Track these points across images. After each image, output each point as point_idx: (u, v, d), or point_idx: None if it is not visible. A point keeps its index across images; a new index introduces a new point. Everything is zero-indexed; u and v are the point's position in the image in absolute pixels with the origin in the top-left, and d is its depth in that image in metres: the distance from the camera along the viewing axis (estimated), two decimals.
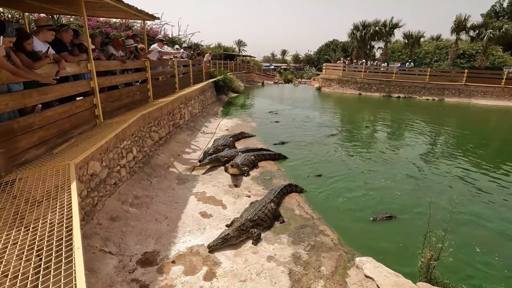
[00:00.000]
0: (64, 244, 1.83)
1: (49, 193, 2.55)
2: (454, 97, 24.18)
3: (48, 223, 2.11)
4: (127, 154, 6.08)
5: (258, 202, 5.30)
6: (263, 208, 4.99)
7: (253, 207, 5.04)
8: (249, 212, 4.85)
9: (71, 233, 1.90)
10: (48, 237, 1.93)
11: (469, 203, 6.21)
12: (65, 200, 2.33)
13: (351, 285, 3.73)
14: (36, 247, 1.85)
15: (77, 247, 1.75)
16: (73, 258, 1.68)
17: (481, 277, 4.10)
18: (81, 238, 3.99)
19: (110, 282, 3.61)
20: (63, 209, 2.25)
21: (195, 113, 12.44)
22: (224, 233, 4.38)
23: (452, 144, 11.24)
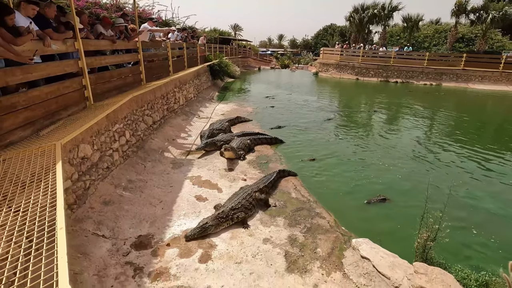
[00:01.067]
0: (47, 225, 1.73)
1: (33, 174, 2.43)
2: (451, 82, 24.02)
3: (31, 204, 2.00)
4: (120, 138, 5.93)
5: (243, 189, 5.07)
6: (248, 197, 4.75)
7: (237, 195, 4.82)
8: (232, 200, 4.63)
9: (54, 212, 1.80)
10: (30, 218, 1.82)
11: (466, 185, 6.21)
12: (50, 181, 2.22)
13: (347, 265, 3.72)
14: (17, 227, 1.75)
15: (60, 227, 1.65)
16: (55, 238, 1.58)
17: (477, 258, 4.11)
18: (73, 222, 3.91)
19: (103, 265, 3.56)
20: (47, 190, 2.13)
21: (190, 97, 12.20)
22: (203, 221, 4.17)
23: (449, 128, 11.20)
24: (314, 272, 3.64)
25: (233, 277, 3.50)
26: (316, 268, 3.71)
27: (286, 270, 3.65)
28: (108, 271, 3.48)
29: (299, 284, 3.43)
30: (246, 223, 4.50)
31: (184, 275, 3.53)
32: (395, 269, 3.34)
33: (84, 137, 4.64)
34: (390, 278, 3.26)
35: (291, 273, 3.61)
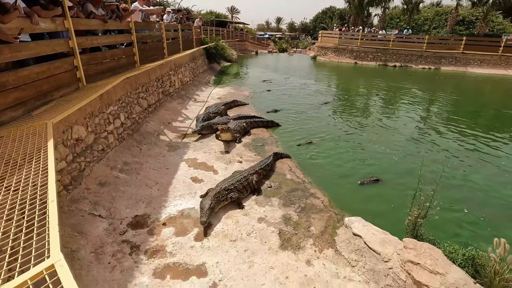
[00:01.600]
0: (38, 198, 1.74)
1: (24, 152, 2.42)
2: (450, 66, 23.83)
3: (22, 179, 2.00)
4: (115, 120, 5.89)
5: (239, 172, 5.09)
6: (242, 179, 4.74)
7: (232, 177, 4.84)
8: (226, 182, 4.63)
9: (46, 187, 1.80)
10: (22, 193, 1.83)
11: (461, 167, 6.28)
12: (42, 158, 2.21)
13: (339, 243, 3.81)
14: (9, 200, 1.76)
15: (51, 200, 1.66)
16: (47, 210, 1.60)
17: (466, 236, 4.22)
18: (69, 202, 3.94)
19: (100, 243, 3.62)
20: (39, 166, 2.13)
21: (185, 81, 12.05)
22: (207, 203, 4.06)
23: (447, 112, 11.20)
24: (307, 249, 3.73)
25: (228, 254, 3.59)
26: (309, 245, 3.80)
27: (280, 247, 3.74)
28: (105, 249, 3.55)
29: (292, 260, 3.53)
30: (241, 203, 4.56)
31: (180, 252, 3.60)
32: (386, 245, 3.43)
33: (78, 119, 4.60)
34: (381, 253, 3.35)
35: (284, 250, 3.70)
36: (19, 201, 1.79)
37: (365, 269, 3.36)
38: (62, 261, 1.25)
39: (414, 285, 2.95)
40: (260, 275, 3.30)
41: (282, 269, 3.39)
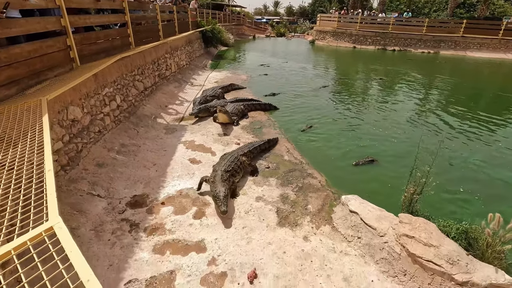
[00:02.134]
0: (35, 167, 1.73)
1: (19, 127, 2.39)
2: (449, 50, 23.59)
3: (18, 152, 1.99)
4: (110, 102, 5.83)
5: (229, 153, 4.99)
6: (235, 160, 4.64)
7: (225, 159, 4.68)
8: (222, 164, 4.49)
9: (42, 158, 1.79)
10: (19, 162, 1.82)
11: (457, 148, 6.33)
12: (36, 130, 2.19)
13: (336, 219, 3.87)
14: (6, 171, 1.75)
15: (48, 169, 1.66)
16: (44, 179, 1.60)
17: (460, 212, 4.29)
18: (67, 182, 3.94)
19: (100, 221, 3.65)
20: (34, 140, 2.11)
21: (182, 65, 11.86)
22: (221, 191, 3.87)
23: (445, 95, 11.17)
24: (304, 226, 3.79)
25: (226, 230, 3.64)
26: (306, 222, 3.86)
27: (278, 224, 3.79)
28: (105, 226, 3.59)
29: (289, 236, 3.59)
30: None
31: (179, 230, 3.65)
32: (381, 221, 3.49)
33: (73, 99, 4.54)
34: (376, 228, 3.41)
35: (282, 227, 3.76)
36: (15, 171, 1.78)
37: (361, 244, 3.43)
38: (61, 223, 1.26)
39: (409, 257, 3.02)
40: (258, 250, 3.36)
41: (279, 244, 3.45)
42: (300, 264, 3.18)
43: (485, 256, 2.98)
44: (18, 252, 1.16)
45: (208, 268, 3.11)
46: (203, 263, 3.17)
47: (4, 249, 1.15)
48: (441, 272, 2.78)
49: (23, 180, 1.70)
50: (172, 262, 3.17)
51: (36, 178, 1.62)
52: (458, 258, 2.83)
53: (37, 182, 1.59)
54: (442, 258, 2.83)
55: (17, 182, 1.63)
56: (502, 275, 2.64)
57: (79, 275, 1.05)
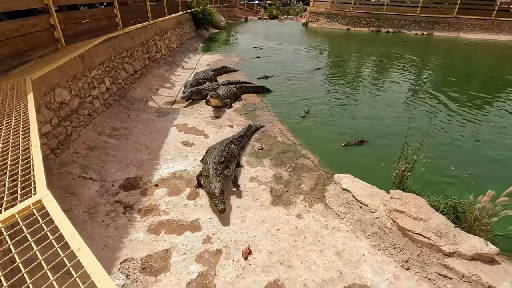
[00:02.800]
0: (21, 145, 1.69)
1: (3, 106, 2.31)
2: (443, 32, 23.44)
3: (3, 127, 1.93)
4: (99, 85, 5.68)
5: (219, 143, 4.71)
6: (226, 149, 4.39)
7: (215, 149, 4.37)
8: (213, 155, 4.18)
9: (28, 134, 1.74)
10: (4, 138, 1.77)
11: (449, 128, 6.40)
12: (21, 109, 2.12)
13: (329, 198, 3.93)
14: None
15: (34, 145, 1.62)
16: (31, 154, 1.56)
17: (451, 189, 4.36)
18: (58, 165, 3.88)
19: (93, 203, 3.64)
20: (19, 118, 2.05)
21: (172, 47, 11.56)
22: (216, 187, 3.59)
23: (438, 77, 11.19)
24: (298, 204, 3.84)
25: None
26: (300, 201, 3.91)
27: (271, 204, 3.84)
28: (98, 208, 3.58)
29: (283, 214, 3.64)
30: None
31: (173, 210, 3.67)
32: (373, 198, 3.55)
33: (60, 81, 4.41)
34: (368, 205, 3.48)
35: (276, 205, 3.80)
36: (1, 149, 1.73)
37: (353, 220, 3.51)
38: (49, 196, 1.24)
39: (399, 231, 3.10)
40: (252, 228, 3.41)
41: (273, 222, 3.51)
42: (294, 240, 3.24)
43: (472, 229, 3.07)
44: (6, 225, 1.14)
45: (203, 246, 3.15)
46: (198, 241, 3.21)
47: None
48: (430, 244, 2.87)
49: (9, 157, 1.66)
50: (167, 241, 3.20)
51: (23, 155, 1.58)
52: (446, 230, 2.91)
53: (23, 158, 1.55)
54: (431, 231, 2.91)
55: (3, 159, 1.59)
56: (487, 245, 2.74)
57: (69, 245, 1.04)
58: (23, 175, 1.44)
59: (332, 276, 2.84)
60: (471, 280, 2.62)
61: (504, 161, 5.23)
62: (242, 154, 5.00)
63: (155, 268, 2.88)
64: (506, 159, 5.28)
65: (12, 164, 1.55)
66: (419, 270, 2.87)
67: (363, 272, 2.90)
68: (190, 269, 2.88)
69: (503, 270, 2.66)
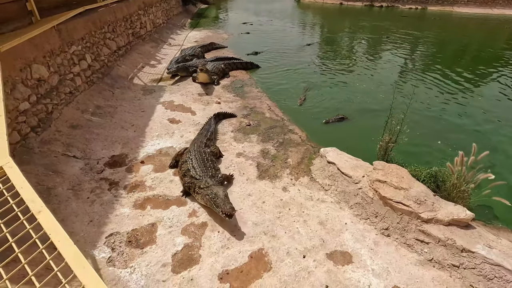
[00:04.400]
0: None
1: None
2: (437, 6, 22.95)
3: None
4: (80, 62, 5.47)
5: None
6: (205, 155, 3.88)
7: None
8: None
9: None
10: None
11: (437, 103, 6.37)
12: None
13: (314, 171, 3.97)
14: None
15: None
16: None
17: (435, 162, 4.38)
18: (39, 144, 3.80)
19: (77, 181, 3.61)
20: None
21: (158, 23, 11.11)
22: (221, 189, 3.20)
23: (429, 53, 11.06)
24: (284, 178, 3.88)
25: None
26: (286, 175, 3.94)
27: (258, 178, 3.86)
28: (83, 186, 3.55)
29: (269, 188, 3.68)
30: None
31: (159, 186, 3.67)
32: (357, 169, 3.60)
33: (36, 56, 4.22)
34: (352, 176, 3.53)
35: (262, 179, 3.83)
36: None
37: (337, 191, 3.57)
38: (11, 163, 1.21)
39: (380, 200, 3.18)
40: (238, 201, 3.44)
41: (259, 195, 3.55)
42: (279, 212, 3.30)
43: (450, 196, 3.16)
44: None
45: (189, 220, 3.19)
46: (184, 215, 3.24)
47: None
48: (409, 212, 2.95)
49: None
50: (153, 215, 3.23)
51: None
52: (425, 198, 2.99)
53: None
54: (411, 199, 2.99)
55: None
56: (464, 211, 2.84)
57: (30, 207, 1.03)
58: None
59: (315, 244, 2.92)
60: (447, 244, 2.72)
61: (487, 133, 5.30)
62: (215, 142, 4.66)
63: (141, 241, 2.92)
64: (490, 132, 5.34)
65: None
66: (398, 236, 2.97)
67: (345, 239, 2.99)
68: (175, 241, 2.92)
69: (477, 234, 2.76)
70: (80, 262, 0.82)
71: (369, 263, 2.75)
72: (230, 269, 2.66)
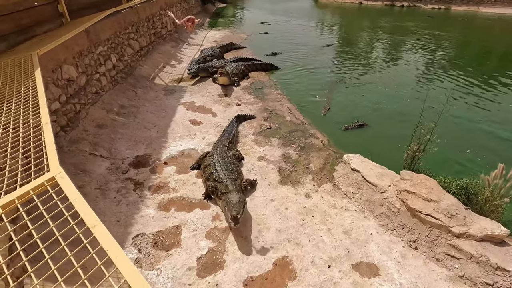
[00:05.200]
0: (32, 122, 1.68)
1: (12, 81, 2.29)
2: (462, 6, 22.11)
3: (13, 105, 1.92)
4: (106, 62, 5.61)
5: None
6: (229, 159, 3.90)
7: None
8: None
9: (38, 111, 1.73)
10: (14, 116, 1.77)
11: (466, 110, 6.08)
12: (30, 85, 2.10)
13: (337, 177, 3.91)
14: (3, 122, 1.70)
15: (45, 122, 1.61)
16: (41, 131, 1.55)
17: (464, 172, 4.22)
18: (68, 143, 3.92)
19: (104, 180, 3.70)
20: (28, 93, 2.03)
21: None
22: (236, 196, 3.14)
23: (455, 56, 10.68)
24: (306, 184, 3.84)
25: None
26: (308, 181, 3.90)
27: (280, 183, 3.84)
28: (110, 185, 3.64)
29: (291, 193, 3.65)
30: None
31: (183, 188, 3.71)
32: (383, 178, 3.52)
33: (66, 57, 4.35)
34: (377, 185, 3.45)
35: (284, 185, 3.81)
36: (12, 128, 1.73)
37: (362, 200, 3.50)
38: (62, 173, 1.24)
39: (408, 211, 3.09)
40: (261, 207, 3.44)
41: (281, 201, 3.53)
42: (302, 219, 3.27)
43: (483, 210, 3.04)
44: (22, 201, 1.15)
45: (213, 223, 3.21)
46: (208, 218, 3.27)
47: (8, 198, 1.14)
48: (439, 225, 2.86)
49: (20, 134, 1.66)
50: (178, 218, 3.27)
51: (34, 132, 1.58)
52: (456, 212, 2.89)
53: (35, 136, 1.55)
54: (441, 212, 2.89)
55: (15, 136, 1.59)
56: (498, 227, 2.72)
57: (85, 221, 1.05)
58: (36, 152, 1.44)
59: (340, 254, 2.88)
60: (479, 261, 2.62)
61: None
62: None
63: (166, 243, 2.96)
64: None
65: (24, 141, 1.55)
66: (426, 250, 2.88)
67: (370, 250, 2.93)
68: (200, 244, 2.95)
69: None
70: (140, 281, 0.83)
71: (396, 276, 2.68)
72: (254, 276, 2.66)
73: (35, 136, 1.55)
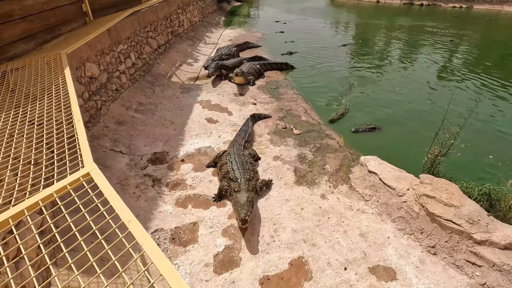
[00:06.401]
0: (64, 119, 1.75)
1: (43, 79, 2.39)
2: (484, 4, 21.34)
3: (45, 103, 2.00)
4: (125, 60, 5.74)
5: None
6: (244, 158, 3.91)
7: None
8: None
9: (70, 109, 1.80)
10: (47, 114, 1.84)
11: (488, 113, 5.89)
12: (60, 83, 2.18)
13: (354, 179, 3.88)
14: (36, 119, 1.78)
15: (77, 120, 1.67)
16: (74, 129, 1.62)
17: (486, 178, 4.11)
18: (90, 138, 4.04)
19: (124, 176, 3.80)
20: (59, 91, 2.11)
21: (194, 21, 11.36)
22: (245, 195, 3.17)
23: (477, 57, 10.35)
24: (322, 185, 3.83)
25: None
26: (324, 182, 3.89)
27: (295, 183, 3.84)
28: (129, 181, 3.74)
29: (307, 194, 3.65)
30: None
31: (199, 185, 3.77)
32: (401, 181, 3.47)
33: (89, 56, 4.48)
34: (395, 188, 3.40)
35: (299, 185, 3.81)
36: (46, 125, 1.81)
37: (379, 203, 3.46)
38: (96, 170, 1.30)
39: (427, 216, 3.04)
40: (277, 206, 3.45)
41: (297, 201, 3.53)
42: (318, 220, 3.27)
43: (506, 217, 2.96)
44: (60, 195, 1.21)
45: (229, 221, 3.24)
46: (224, 216, 3.31)
47: (47, 192, 1.20)
48: (460, 231, 2.80)
49: (54, 132, 1.73)
50: (195, 214, 3.32)
51: (67, 129, 1.65)
52: (478, 218, 2.82)
53: (68, 133, 1.62)
54: (462, 218, 2.83)
55: (48, 135, 1.66)
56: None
57: (120, 217, 1.10)
58: (69, 148, 1.51)
59: (356, 256, 2.86)
60: (502, 269, 2.55)
61: None
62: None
63: (184, 240, 3.02)
64: None
65: (57, 137, 1.62)
66: (446, 256, 2.83)
67: (388, 254, 2.90)
68: (216, 242, 2.99)
69: None
70: (174, 276, 0.87)
71: (414, 281, 2.64)
72: (270, 275, 2.68)
73: (68, 133, 1.62)
